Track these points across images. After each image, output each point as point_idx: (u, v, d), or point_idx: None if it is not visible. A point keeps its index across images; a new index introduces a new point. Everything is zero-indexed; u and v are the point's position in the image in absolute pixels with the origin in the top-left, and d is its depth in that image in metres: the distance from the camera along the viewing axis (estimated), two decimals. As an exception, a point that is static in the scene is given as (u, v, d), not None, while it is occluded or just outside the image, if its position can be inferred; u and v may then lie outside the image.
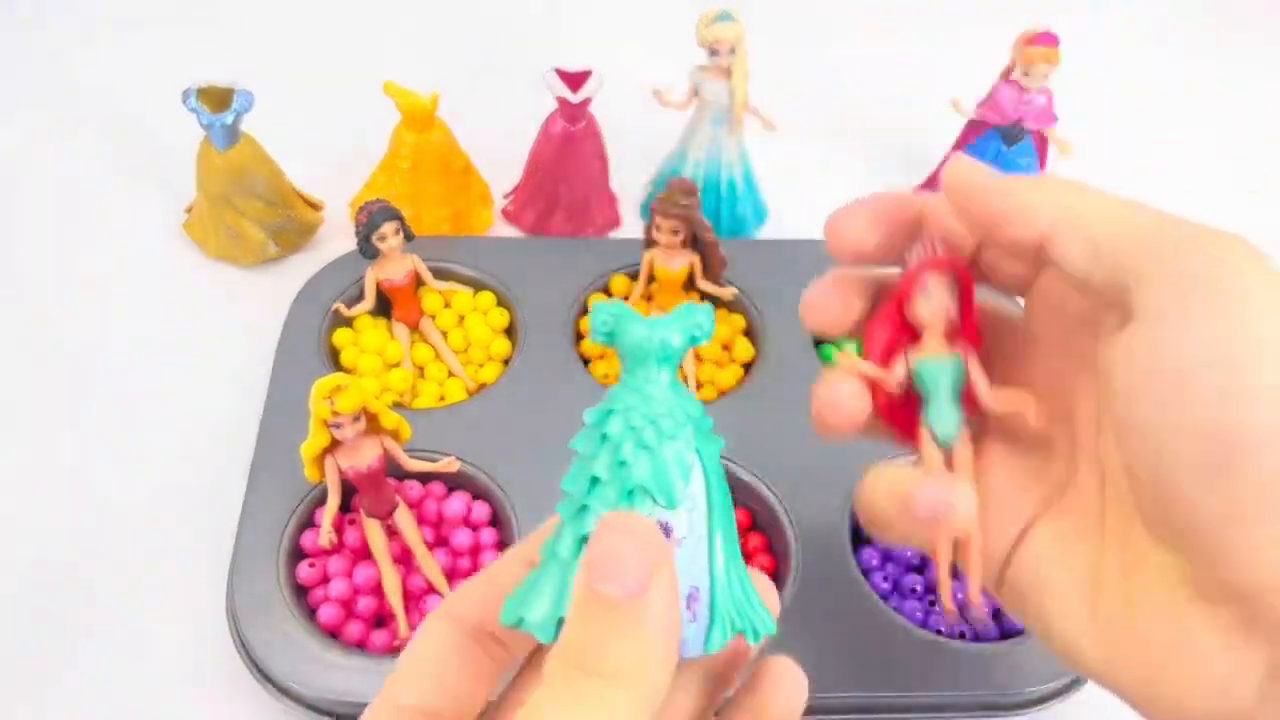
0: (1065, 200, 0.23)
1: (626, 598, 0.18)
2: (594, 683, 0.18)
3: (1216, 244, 0.21)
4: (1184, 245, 0.21)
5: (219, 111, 0.54)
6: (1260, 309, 0.20)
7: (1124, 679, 0.23)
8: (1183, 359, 0.20)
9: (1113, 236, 0.22)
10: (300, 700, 0.41)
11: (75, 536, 0.49)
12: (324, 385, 0.40)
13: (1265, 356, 0.20)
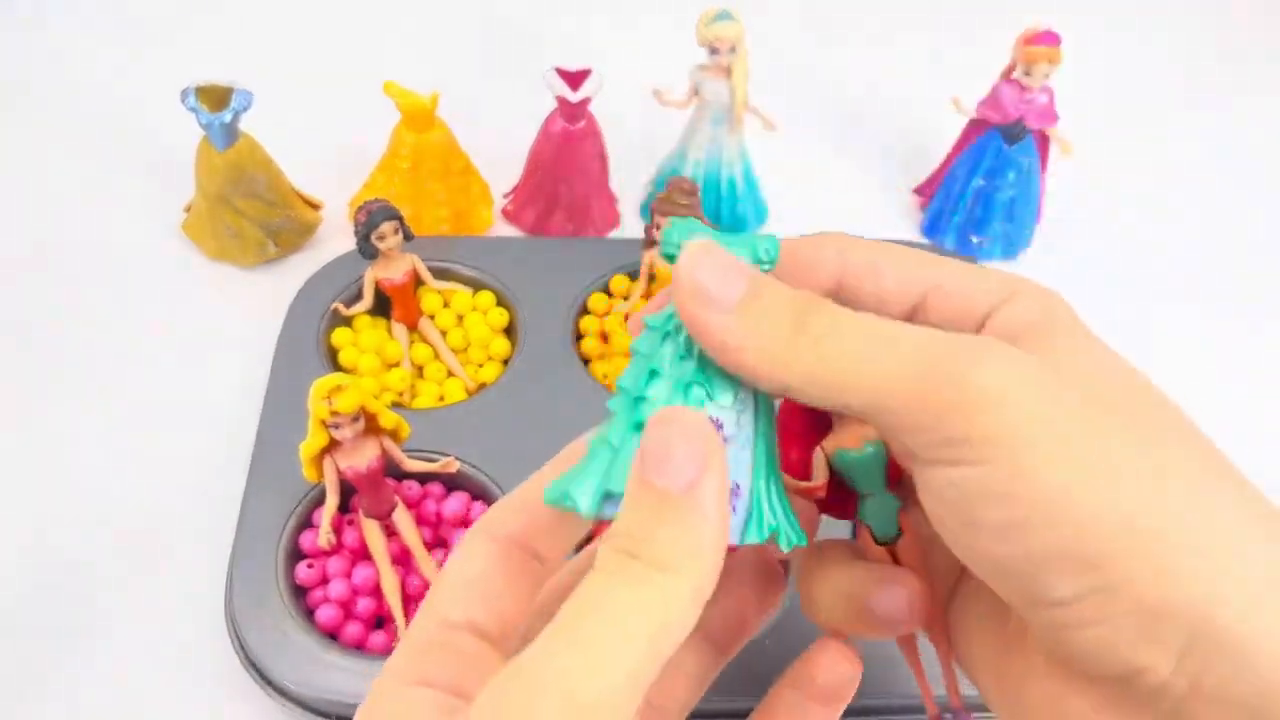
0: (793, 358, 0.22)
1: (679, 490, 0.19)
2: (646, 569, 0.19)
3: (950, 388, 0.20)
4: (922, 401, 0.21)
5: (218, 110, 0.54)
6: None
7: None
8: (965, 502, 0.21)
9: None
10: (299, 701, 0.41)
11: (74, 536, 0.49)
12: (323, 385, 0.40)
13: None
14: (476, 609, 0.22)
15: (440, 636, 0.22)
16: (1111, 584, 0.19)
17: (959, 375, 0.20)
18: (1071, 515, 0.19)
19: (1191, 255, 0.66)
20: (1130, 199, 0.69)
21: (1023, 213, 0.63)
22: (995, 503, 0.20)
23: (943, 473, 0.21)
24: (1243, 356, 0.60)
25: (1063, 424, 0.20)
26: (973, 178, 0.61)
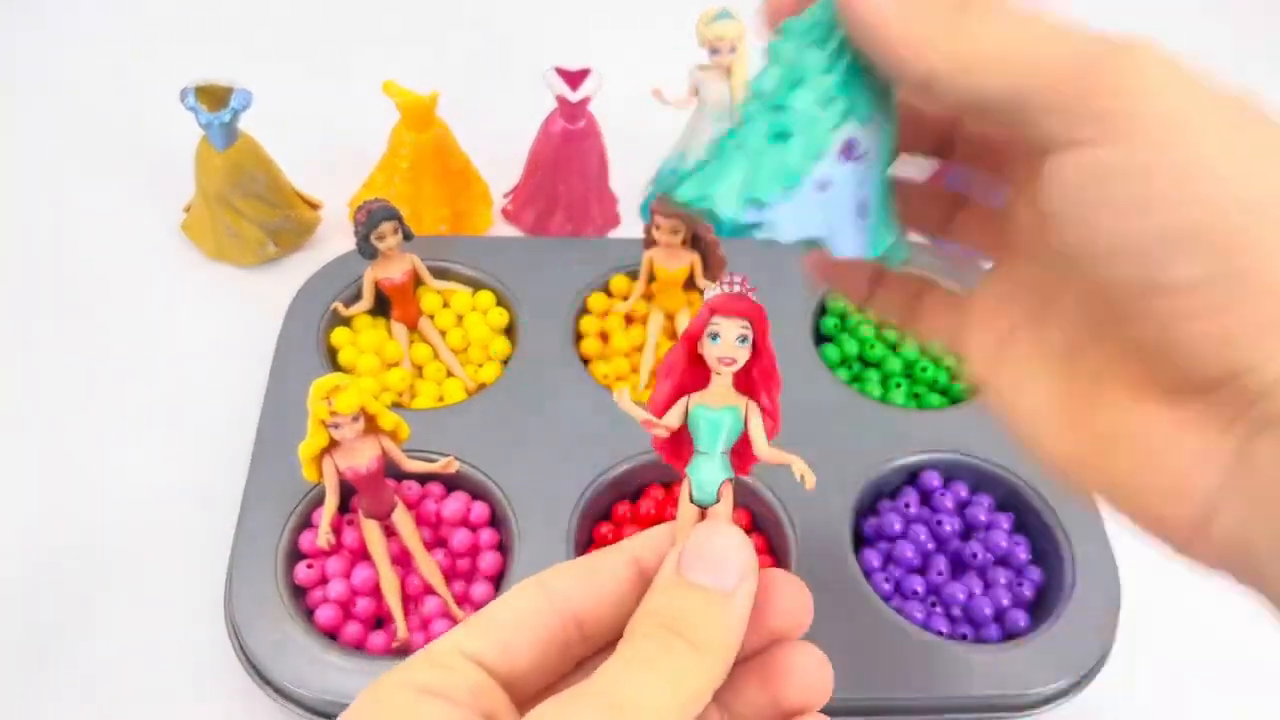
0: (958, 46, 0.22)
1: (725, 591, 0.22)
2: (687, 647, 0.21)
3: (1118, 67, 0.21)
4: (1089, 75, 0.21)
5: (217, 110, 0.54)
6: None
7: (1094, 482, 0.24)
8: (1096, 183, 0.20)
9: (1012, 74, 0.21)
10: (298, 702, 0.41)
11: (74, 535, 0.49)
12: (322, 385, 0.40)
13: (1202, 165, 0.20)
14: (493, 651, 0.22)
15: (453, 661, 0.22)
16: (1241, 269, 0.19)
17: (1122, 53, 0.21)
18: (1212, 194, 0.19)
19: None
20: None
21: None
22: (1134, 178, 0.20)
23: (1082, 153, 0.20)
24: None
25: (1215, 113, 0.20)
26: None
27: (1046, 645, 0.43)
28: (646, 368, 0.53)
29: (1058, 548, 0.46)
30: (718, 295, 0.25)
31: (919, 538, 0.47)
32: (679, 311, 0.54)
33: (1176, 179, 0.20)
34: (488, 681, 0.22)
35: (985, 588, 0.46)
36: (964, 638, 0.45)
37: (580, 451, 0.48)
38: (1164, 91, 0.20)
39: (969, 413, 0.51)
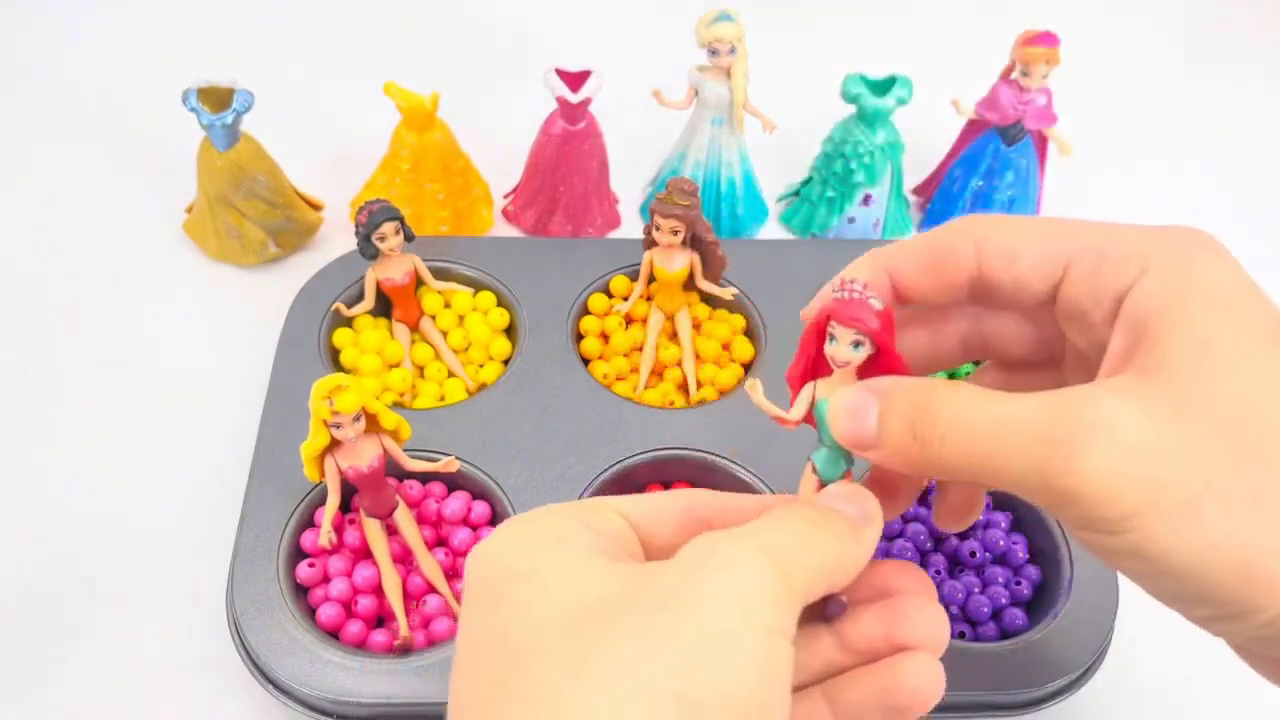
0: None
1: (856, 519, 0.26)
2: (822, 523, 0.26)
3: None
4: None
5: (219, 111, 0.55)
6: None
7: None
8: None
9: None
10: (300, 700, 0.41)
11: (76, 535, 0.49)
12: (324, 385, 0.40)
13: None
14: (637, 514, 0.27)
15: (604, 509, 0.27)
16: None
17: (1068, 470, 0.23)
18: (1228, 572, 0.24)
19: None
20: (1129, 199, 0.69)
21: (1021, 213, 0.63)
22: (1150, 564, 0.24)
23: (1094, 539, 0.24)
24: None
25: (1176, 490, 0.24)
26: (971, 178, 0.62)
27: (1044, 644, 0.43)
28: (646, 368, 0.53)
29: (1055, 546, 0.46)
30: (835, 301, 0.27)
31: (917, 536, 0.47)
32: (678, 312, 0.54)
33: (1185, 572, 0.25)
34: (630, 531, 0.27)
35: (983, 586, 0.46)
36: (962, 636, 0.45)
37: (580, 451, 0.48)
38: (1121, 495, 0.24)
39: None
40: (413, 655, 0.42)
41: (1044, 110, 0.59)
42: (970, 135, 0.63)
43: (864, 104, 0.58)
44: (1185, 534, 0.24)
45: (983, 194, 0.62)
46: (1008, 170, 0.61)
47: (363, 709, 0.41)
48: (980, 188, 0.62)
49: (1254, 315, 0.26)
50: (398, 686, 0.41)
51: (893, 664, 0.27)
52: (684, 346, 0.54)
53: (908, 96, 0.58)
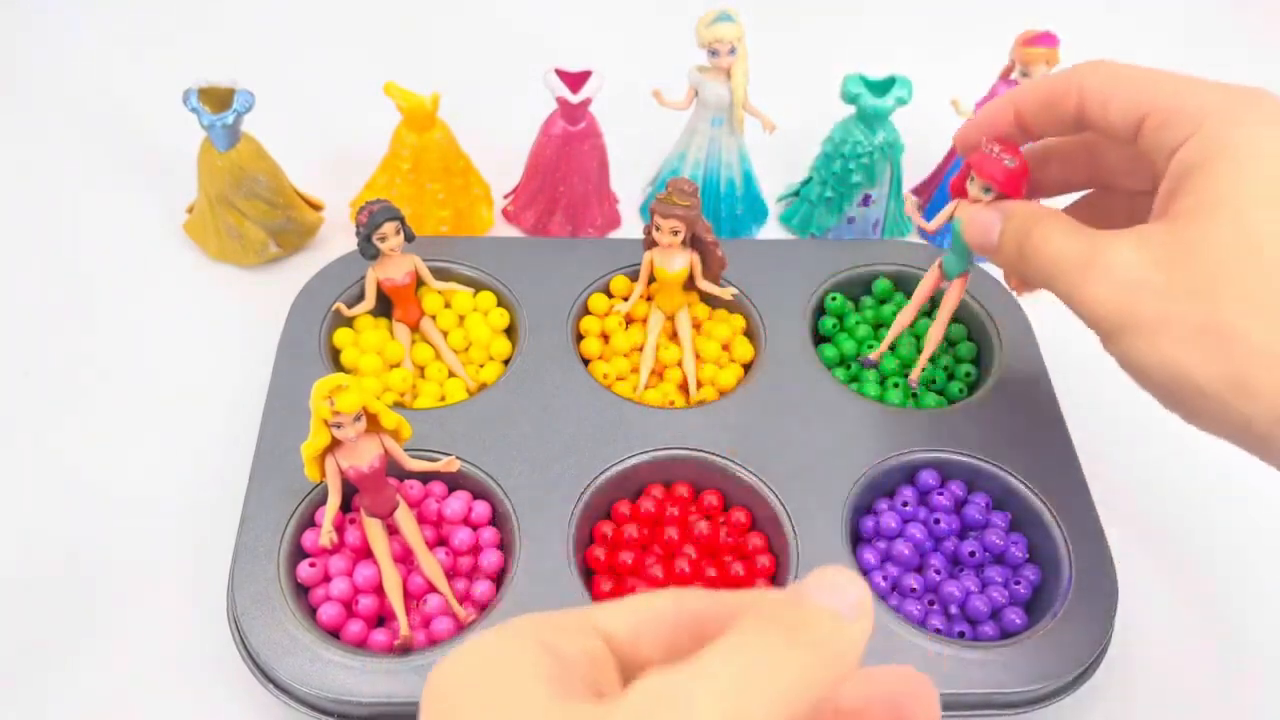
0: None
1: (842, 614, 0.21)
2: (793, 641, 0.21)
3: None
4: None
5: (220, 112, 0.55)
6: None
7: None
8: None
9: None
10: (301, 699, 0.41)
11: (76, 535, 0.49)
12: (324, 385, 0.40)
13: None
14: (623, 631, 0.23)
15: (581, 626, 0.23)
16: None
17: (1081, 296, 0.36)
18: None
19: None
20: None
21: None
22: (1132, 371, 0.36)
23: (1106, 347, 0.37)
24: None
25: (1145, 319, 0.34)
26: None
27: (1043, 643, 0.43)
28: (647, 368, 0.53)
29: (1055, 546, 0.47)
30: (978, 154, 0.42)
31: (916, 536, 0.47)
32: (679, 312, 0.54)
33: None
34: (606, 656, 0.23)
35: (982, 586, 0.46)
36: (961, 636, 0.45)
37: (580, 451, 0.49)
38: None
39: (966, 412, 0.51)
40: (413, 655, 0.42)
41: None
42: None
43: (863, 104, 0.58)
44: (1147, 352, 0.33)
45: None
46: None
47: (363, 708, 0.41)
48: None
49: (1270, 174, 0.33)
50: (398, 686, 0.41)
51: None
52: (684, 346, 0.54)
53: (907, 97, 0.58)
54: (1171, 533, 0.52)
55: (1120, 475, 0.51)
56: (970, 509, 0.48)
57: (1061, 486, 0.48)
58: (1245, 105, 0.34)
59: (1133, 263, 0.34)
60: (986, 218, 0.41)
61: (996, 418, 0.51)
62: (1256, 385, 0.32)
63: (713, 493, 0.49)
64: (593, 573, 0.47)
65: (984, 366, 0.55)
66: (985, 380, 0.53)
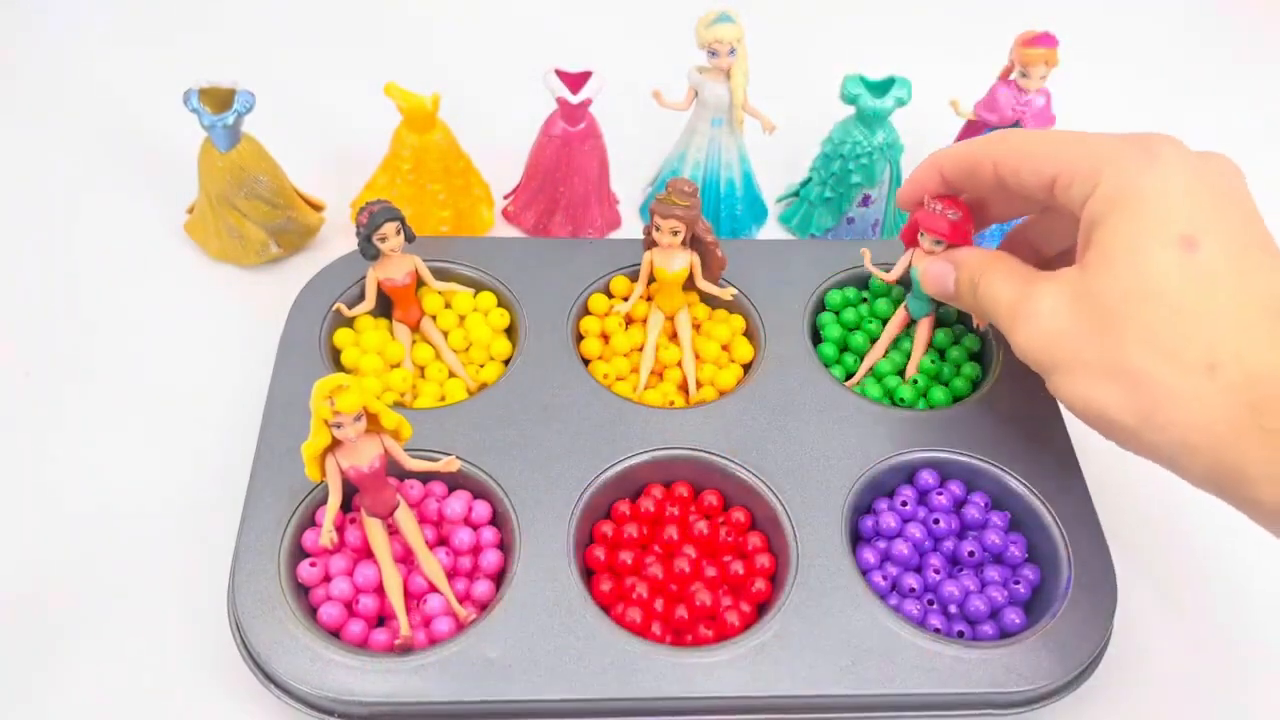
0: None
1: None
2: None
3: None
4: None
5: (220, 112, 0.55)
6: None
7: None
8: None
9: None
10: (302, 699, 0.41)
11: (77, 535, 0.49)
12: (325, 385, 0.40)
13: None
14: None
15: None
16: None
17: (1013, 340, 0.41)
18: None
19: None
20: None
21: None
22: (1064, 404, 0.41)
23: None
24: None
25: (1064, 361, 0.39)
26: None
27: (1042, 643, 0.43)
28: (646, 368, 0.53)
29: (1054, 546, 0.47)
30: (923, 213, 0.47)
31: (915, 536, 0.47)
32: (678, 312, 0.54)
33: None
34: None
35: (981, 586, 0.47)
36: (960, 635, 0.45)
37: (580, 451, 0.49)
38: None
39: (965, 412, 0.51)
40: (414, 655, 0.42)
41: (1043, 111, 0.59)
42: (969, 136, 0.63)
43: (863, 105, 0.58)
44: (1069, 391, 0.38)
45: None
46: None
47: (364, 708, 0.41)
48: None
49: (1161, 218, 0.36)
50: (399, 686, 0.41)
51: None
52: (684, 347, 0.54)
53: (907, 97, 0.58)
54: (1171, 533, 0.52)
55: (1120, 475, 0.51)
56: (969, 509, 0.49)
57: (1061, 486, 0.48)
58: (1138, 154, 0.37)
59: (1052, 310, 0.38)
60: (940, 269, 0.47)
61: (996, 417, 0.51)
62: (1164, 419, 0.35)
63: (712, 492, 0.49)
64: (592, 572, 0.47)
65: (984, 365, 0.55)
66: (986, 379, 0.53)
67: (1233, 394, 0.34)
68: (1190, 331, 0.35)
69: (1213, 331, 0.34)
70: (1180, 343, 0.35)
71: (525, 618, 0.43)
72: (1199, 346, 0.34)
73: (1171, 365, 0.35)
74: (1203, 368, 0.34)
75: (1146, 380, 0.35)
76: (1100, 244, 0.37)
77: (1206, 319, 0.35)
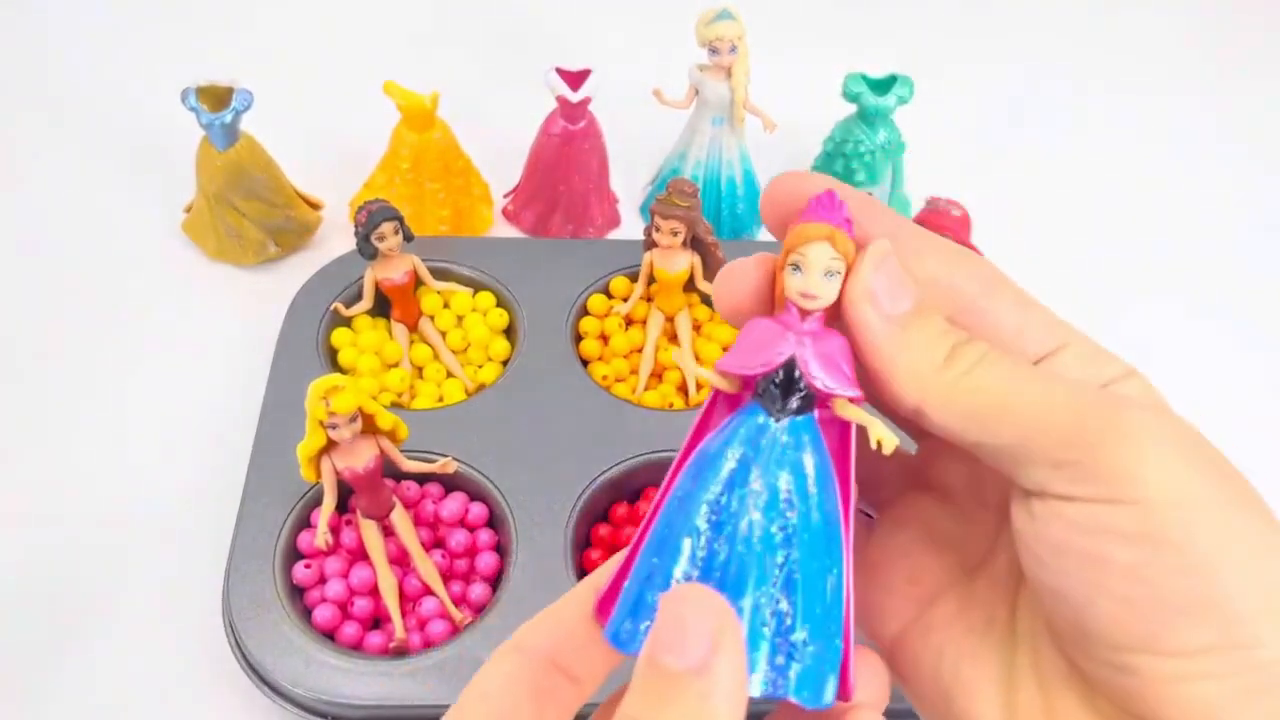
0: (940, 382, 0.22)
1: (687, 669, 0.18)
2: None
3: (1103, 418, 0.21)
4: (1073, 428, 0.21)
5: (218, 110, 0.54)
6: (1161, 483, 0.20)
7: None
8: (1091, 538, 0.20)
9: (992, 418, 0.21)
10: (296, 702, 0.41)
11: (72, 535, 0.49)
12: (320, 386, 0.40)
13: (1172, 523, 0.20)
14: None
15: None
16: (1240, 644, 0.20)
17: (1124, 413, 0.21)
18: (1216, 571, 0.20)
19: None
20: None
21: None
22: (1137, 542, 0.20)
23: (1080, 508, 0.20)
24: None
25: (1216, 490, 0.21)
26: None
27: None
28: (646, 369, 0.53)
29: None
30: (926, 212, 0.34)
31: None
32: (679, 313, 0.54)
33: (1185, 550, 0.20)
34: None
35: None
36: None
37: (579, 452, 0.48)
38: (1167, 459, 0.20)
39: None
40: (408, 657, 0.42)
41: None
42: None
43: (865, 103, 0.58)
44: (1207, 524, 0.21)
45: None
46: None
47: (358, 710, 0.41)
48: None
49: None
50: (393, 688, 0.40)
51: None
52: (684, 348, 0.54)
53: (908, 95, 0.57)
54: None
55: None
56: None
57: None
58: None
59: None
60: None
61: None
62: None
63: (712, 495, 0.49)
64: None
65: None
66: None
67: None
68: None
69: None
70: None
71: (522, 621, 0.42)
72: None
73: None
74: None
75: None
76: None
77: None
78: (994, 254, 0.51)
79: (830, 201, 0.22)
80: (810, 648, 0.21)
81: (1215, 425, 0.27)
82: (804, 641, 0.21)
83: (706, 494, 0.21)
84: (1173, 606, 0.20)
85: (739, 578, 0.20)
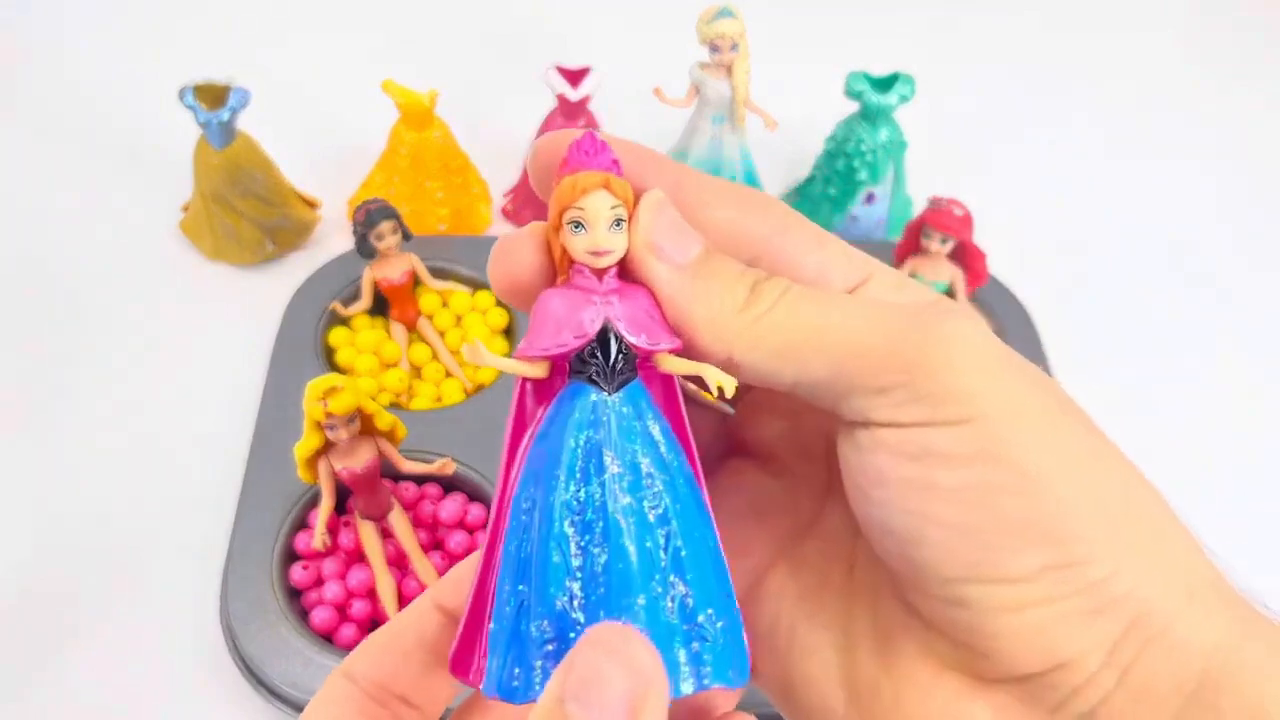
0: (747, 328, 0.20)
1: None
2: None
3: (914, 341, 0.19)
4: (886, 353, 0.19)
5: (215, 109, 0.54)
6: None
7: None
8: (917, 464, 0.19)
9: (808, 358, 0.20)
10: (293, 704, 0.41)
11: (69, 536, 0.48)
12: (318, 386, 0.40)
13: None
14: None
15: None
16: (1073, 561, 0.18)
17: (942, 334, 0.19)
18: (1049, 487, 0.19)
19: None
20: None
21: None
22: (966, 464, 0.19)
23: (906, 434, 0.19)
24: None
25: (1033, 399, 0.19)
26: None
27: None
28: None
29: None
30: (929, 211, 0.36)
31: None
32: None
33: (1014, 470, 0.19)
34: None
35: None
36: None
37: (578, 453, 0.48)
38: (993, 372, 0.19)
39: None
40: (407, 660, 0.42)
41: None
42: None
43: (867, 101, 0.57)
44: (1036, 443, 0.20)
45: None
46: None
47: (356, 714, 0.40)
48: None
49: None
50: (391, 691, 0.40)
51: None
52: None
53: (910, 94, 0.57)
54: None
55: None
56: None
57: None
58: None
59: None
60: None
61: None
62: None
63: (712, 495, 0.48)
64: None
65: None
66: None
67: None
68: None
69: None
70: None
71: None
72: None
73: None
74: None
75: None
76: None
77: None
78: (994, 254, 0.51)
79: (592, 143, 0.19)
80: (719, 623, 0.19)
81: (1215, 425, 0.27)
82: (710, 619, 0.19)
83: (560, 494, 0.18)
84: (1003, 529, 0.19)
85: (626, 575, 0.18)
